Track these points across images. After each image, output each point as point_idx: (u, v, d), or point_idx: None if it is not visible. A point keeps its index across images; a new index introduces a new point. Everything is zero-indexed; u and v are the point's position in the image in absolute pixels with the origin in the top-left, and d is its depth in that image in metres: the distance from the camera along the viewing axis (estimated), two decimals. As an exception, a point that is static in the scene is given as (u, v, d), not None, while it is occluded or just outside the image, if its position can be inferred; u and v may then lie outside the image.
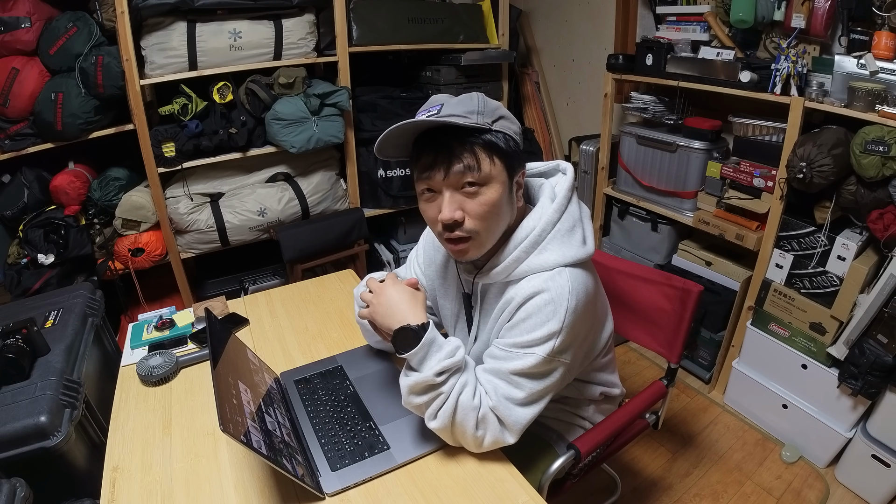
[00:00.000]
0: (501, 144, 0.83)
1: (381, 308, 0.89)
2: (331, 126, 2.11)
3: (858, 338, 1.49)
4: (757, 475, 1.71)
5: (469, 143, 0.81)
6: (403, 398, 0.88)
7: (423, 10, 2.32)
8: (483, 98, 0.85)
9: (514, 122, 0.88)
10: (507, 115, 0.86)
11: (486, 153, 0.82)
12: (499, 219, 0.86)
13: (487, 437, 0.87)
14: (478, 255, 0.88)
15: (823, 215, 1.57)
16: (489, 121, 0.83)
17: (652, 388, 1.20)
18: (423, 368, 0.84)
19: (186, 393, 1.09)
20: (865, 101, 1.40)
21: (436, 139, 0.82)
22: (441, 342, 0.86)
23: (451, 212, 0.82)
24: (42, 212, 1.94)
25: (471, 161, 0.81)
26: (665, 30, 2.04)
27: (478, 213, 0.83)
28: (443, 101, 0.85)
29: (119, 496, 0.85)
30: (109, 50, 1.79)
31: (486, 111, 0.83)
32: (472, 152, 0.81)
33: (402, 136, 0.85)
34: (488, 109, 0.84)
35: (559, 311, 0.83)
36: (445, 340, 0.87)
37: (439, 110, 0.83)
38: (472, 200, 0.83)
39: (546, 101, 2.90)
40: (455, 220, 0.83)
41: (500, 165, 0.83)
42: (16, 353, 1.09)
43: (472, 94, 0.86)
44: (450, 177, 0.82)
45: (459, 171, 0.81)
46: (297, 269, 2.22)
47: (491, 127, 0.82)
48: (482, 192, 0.83)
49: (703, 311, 1.98)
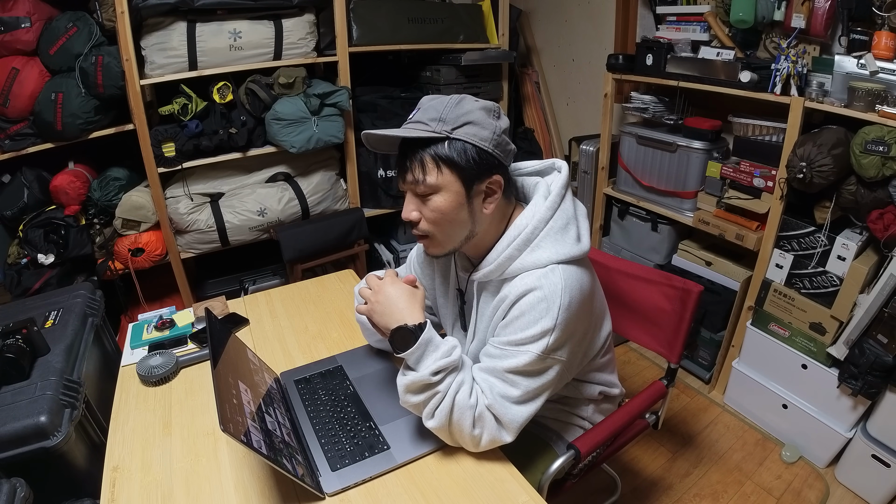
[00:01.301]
0: (454, 156, 0.83)
1: (380, 307, 0.89)
2: (331, 126, 2.11)
3: (858, 338, 1.49)
4: (757, 475, 1.71)
5: (419, 154, 0.85)
6: (401, 397, 0.89)
7: (423, 10, 2.32)
8: (455, 102, 0.85)
9: (486, 129, 0.84)
10: (477, 120, 0.84)
11: (433, 164, 0.84)
12: (451, 224, 0.88)
13: (485, 436, 0.87)
14: (439, 252, 0.93)
15: (823, 215, 1.57)
16: (449, 128, 0.83)
17: (652, 388, 1.20)
18: (420, 368, 0.85)
19: (186, 393, 1.09)
20: (865, 101, 1.40)
21: (403, 146, 0.88)
22: (438, 342, 0.86)
23: (407, 212, 0.90)
24: (42, 212, 1.94)
25: (418, 172, 0.85)
26: (665, 30, 2.04)
27: (429, 217, 0.88)
28: (422, 104, 0.88)
29: (119, 496, 0.85)
30: (109, 50, 1.79)
31: (450, 118, 0.83)
32: (421, 163, 0.85)
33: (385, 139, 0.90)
34: (453, 115, 0.84)
35: (552, 308, 0.83)
36: (442, 340, 0.87)
37: (415, 114, 0.88)
38: (425, 205, 0.88)
39: (546, 101, 2.90)
40: (411, 220, 0.90)
41: (450, 176, 0.85)
42: (16, 353, 1.09)
43: (445, 98, 0.86)
44: (405, 184, 0.89)
45: (410, 180, 0.87)
46: (297, 269, 2.22)
47: (449, 135, 0.83)
48: (432, 199, 0.87)
49: (703, 311, 1.98)
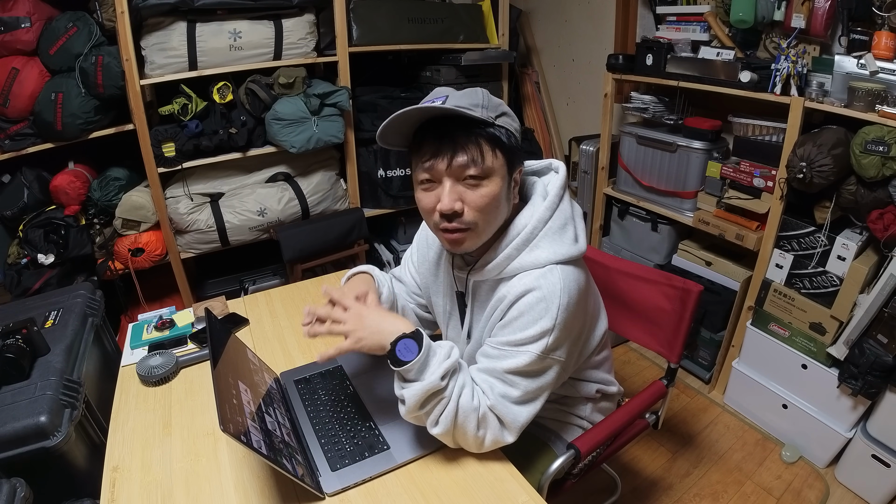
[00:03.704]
0: (504, 139, 0.83)
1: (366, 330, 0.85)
2: (331, 126, 2.11)
3: (858, 338, 1.49)
4: (757, 475, 1.71)
5: (474, 134, 0.81)
6: (408, 409, 0.83)
7: (423, 10, 2.32)
8: (487, 93, 0.86)
9: (515, 120, 0.88)
10: (508, 112, 0.87)
11: (489, 146, 0.82)
12: (497, 212, 0.86)
13: (488, 437, 0.86)
14: (473, 247, 0.88)
15: (823, 215, 1.57)
16: (493, 115, 0.83)
17: (652, 388, 1.20)
18: (425, 376, 0.82)
19: (186, 393, 1.09)
20: (865, 101, 1.40)
21: (440, 129, 0.82)
22: (436, 345, 0.85)
23: (451, 202, 0.82)
24: (42, 212, 1.94)
25: (475, 153, 0.81)
26: (665, 30, 2.04)
27: (478, 204, 0.83)
28: (447, 92, 0.85)
29: (119, 496, 0.85)
30: (109, 50, 1.79)
31: (490, 106, 0.84)
32: (477, 144, 0.81)
33: (406, 123, 0.84)
34: (492, 104, 0.84)
35: (551, 308, 0.83)
36: (438, 344, 0.86)
37: (444, 101, 0.82)
38: (473, 192, 0.83)
39: (546, 101, 2.90)
40: (455, 210, 0.83)
41: (501, 160, 0.84)
42: (16, 353, 1.09)
43: (476, 89, 0.86)
44: (453, 167, 0.82)
45: (463, 162, 0.81)
46: (297, 269, 2.22)
47: (494, 122, 0.83)
48: (483, 184, 0.83)
49: (703, 311, 1.98)
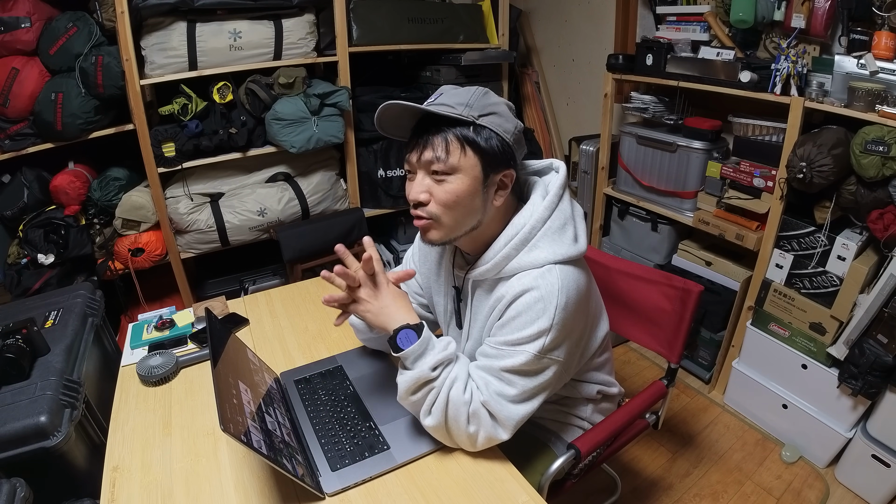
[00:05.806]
0: (479, 140, 0.84)
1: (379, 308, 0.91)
2: (331, 126, 2.11)
3: (858, 338, 1.49)
4: (757, 475, 1.71)
5: (444, 132, 0.84)
6: (400, 396, 0.89)
7: (423, 10, 2.32)
8: (481, 93, 0.86)
9: (509, 121, 0.87)
10: (502, 112, 0.87)
11: (458, 144, 0.84)
12: (463, 210, 0.87)
13: (481, 434, 0.87)
14: (440, 238, 0.90)
15: (823, 215, 1.57)
16: (476, 114, 0.84)
17: (652, 388, 1.20)
18: (418, 365, 0.85)
19: (186, 393, 1.09)
20: (865, 101, 1.40)
21: (423, 125, 0.87)
22: (435, 340, 0.88)
23: (416, 193, 0.87)
24: (42, 212, 1.94)
25: (441, 150, 0.84)
26: (665, 30, 2.04)
27: (441, 199, 0.86)
28: (444, 90, 0.88)
29: (119, 496, 0.85)
30: (109, 50, 1.79)
31: (477, 105, 0.84)
32: (445, 142, 0.84)
33: (401, 117, 0.89)
34: (480, 104, 0.85)
35: (549, 308, 0.84)
36: (438, 339, 0.89)
37: (437, 98, 0.86)
38: (439, 186, 0.86)
39: (546, 101, 2.90)
40: (419, 201, 0.87)
41: (473, 159, 0.85)
42: (16, 353, 1.09)
43: (472, 88, 0.87)
44: (422, 161, 0.86)
45: (429, 158, 0.85)
46: (297, 269, 2.22)
47: (475, 121, 0.84)
48: (448, 180, 0.85)
49: (703, 311, 1.98)
